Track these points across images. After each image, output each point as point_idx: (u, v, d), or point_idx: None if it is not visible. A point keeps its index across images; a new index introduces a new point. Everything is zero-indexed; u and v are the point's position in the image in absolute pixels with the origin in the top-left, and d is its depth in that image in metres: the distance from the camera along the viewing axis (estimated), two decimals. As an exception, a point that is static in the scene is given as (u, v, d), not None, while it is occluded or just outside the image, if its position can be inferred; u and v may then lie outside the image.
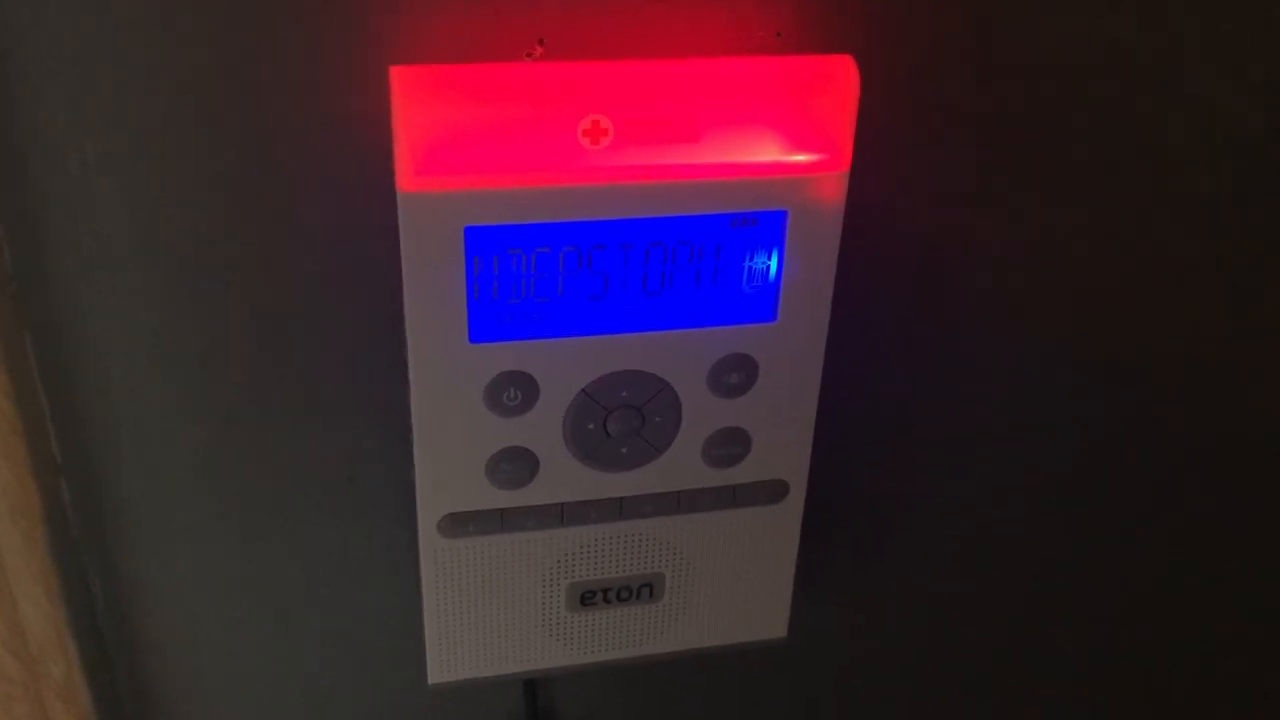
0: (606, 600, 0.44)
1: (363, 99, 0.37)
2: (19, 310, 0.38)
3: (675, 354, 0.39)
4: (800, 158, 0.36)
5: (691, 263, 0.38)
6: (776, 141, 0.36)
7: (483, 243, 0.36)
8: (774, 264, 0.38)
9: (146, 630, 0.46)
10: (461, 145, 0.34)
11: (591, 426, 0.40)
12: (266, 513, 0.44)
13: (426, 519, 0.41)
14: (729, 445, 0.41)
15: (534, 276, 0.37)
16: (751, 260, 0.38)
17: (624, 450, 0.40)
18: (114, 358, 0.40)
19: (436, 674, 0.44)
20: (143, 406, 0.41)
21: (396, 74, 0.34)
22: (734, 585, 0.45)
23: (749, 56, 0.37)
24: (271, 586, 0.46)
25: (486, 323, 0.37)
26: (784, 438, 0.42)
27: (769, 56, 0.37)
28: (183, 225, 0.38)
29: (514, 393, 0.38)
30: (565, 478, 0.41)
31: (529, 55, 0.37)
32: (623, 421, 0.40)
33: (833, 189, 0.37)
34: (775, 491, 0.43)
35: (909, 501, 0.51)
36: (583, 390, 0.39)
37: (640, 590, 0.44)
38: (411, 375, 0.38)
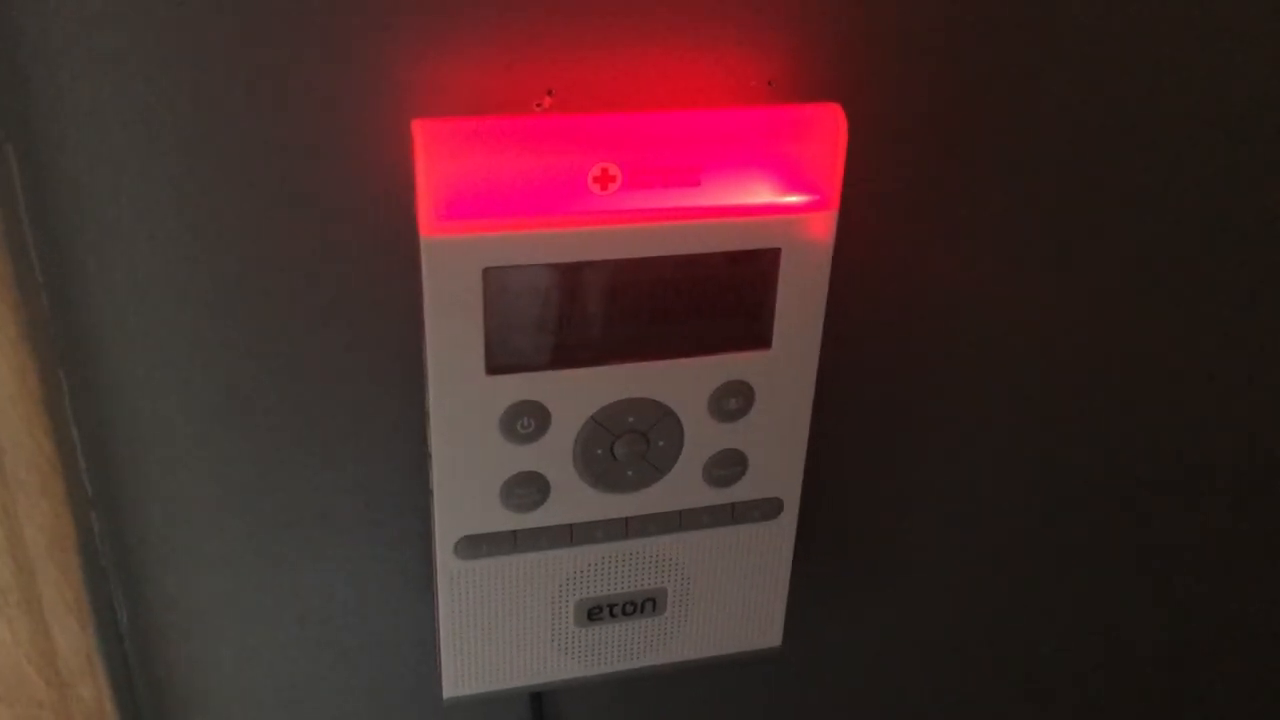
0: (612, 615, 0.46)
1: (380, 148, 0.39)
2: (55, 351, 0.40)
3: (678, 381, 0.42)
4: (793, 199, 0.39)
5: (693, 297, 0.40)
6: (771, 184, 0.39)
7: (499, 282, 0.38)
8: (769, 297, 0.41)
9: (169, 654, 0.48)
10: (479, 192, 0.37)
11: (600, 451, 0.42)
12: (286, 541, 0.46)
13: (443, 541, 0.43)
14: (728, 466, 0.44)
15: (547, 312, 0.39)
16: (748, 293, 0.41)
17: (630, 473, 0.43)
18: (142, 394, 0.42)
19: (451, 689, 0.46)
20: (168, 440, 0.43)
21: (418, 126, 0.36)
22: (732, 597, 0.47)
23: (746, 107, 0.40)
24: (289, 611, 0.48)
25: (502, 356, 0.39)
26: (779, 457, 0.44)
27: (764, 106, 0.40)
28: (211, 270, 0.40)
29: (527, 421, 0.41)
30: (575, 500, 0.43)
31: (539, 105, 0.40)
32: (629, 446, 0.42)
33: (823, 227, 0.40)
34: (771, 508, 0.45)
35: (897, 515, 0.54)
36: (592, 417, 0.41)
37: (644, 605, 0.46)
38: (431, 406, 0.40)
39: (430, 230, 0.37)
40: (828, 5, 0.41)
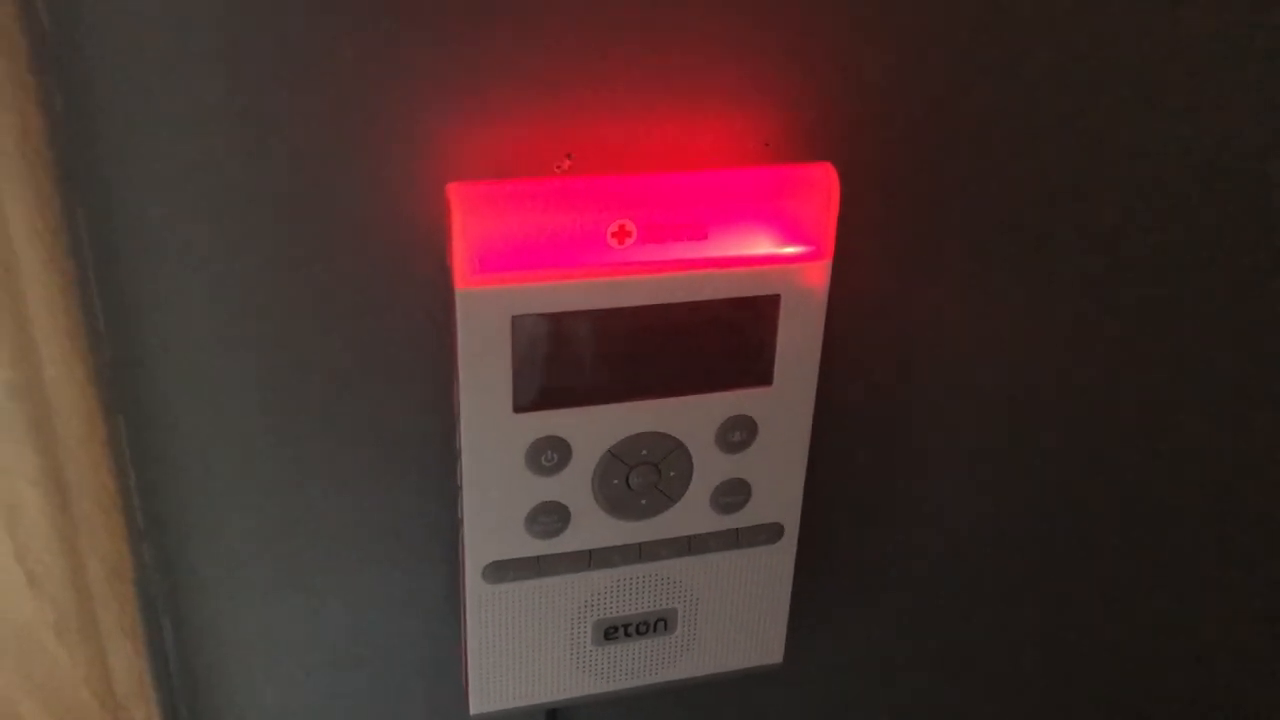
0: (627, 634, 0.50)
1: (415, 206, 0.43)
2: (114, 395, 0.43)
3: (688, 417, 0.45)
4: (791, 250, 0.43)
5: (701, 339, 0.44)
6: (771, 236, 0.43)
7: (527, 328, 0.42)
8: (770, 338, 0.45)
9: (211, 677, 0.51)
10: (508, 247, 0.40)
11: (616, 482, 0.46)
12: (320, 569, 0.49)
13: (472, 567, 0.46)
14: (733, 494, 0.47)
15: (569, 355, 0.43)
16: (751, 336, 0.45)
17: (644, 501, 0.46)
18: (190, 435, 0.45)
19: (478, 705, 0.49)
20: (212, 477, 0.46)
21: (454, 190, 0.40)
22: (737, 616, 0.51)
23: (748, 167, 0.44)
24: (324, 634, 0.51)
25: (528, 395, 0.43)
26: (780, 486, 0.48)
27: (765, 166, 0.44)
28: (261, 323, 0.43)
29: (550, 455, 0.44)
30: (593, 527, 0.46)
31: (559, 167, 0.44)
32: (643, 476, 0.46)
33: (818, 276, 0.44)
34: (773, 533, 0.49)
35: (891, 539, 0.57)
36: (609, 451, 0.45)
37: (656, 624, 0.50)
38: (462, 441, 0.43)
39: (465, 283, 0.40)
40: (816, 72, 0.45)
